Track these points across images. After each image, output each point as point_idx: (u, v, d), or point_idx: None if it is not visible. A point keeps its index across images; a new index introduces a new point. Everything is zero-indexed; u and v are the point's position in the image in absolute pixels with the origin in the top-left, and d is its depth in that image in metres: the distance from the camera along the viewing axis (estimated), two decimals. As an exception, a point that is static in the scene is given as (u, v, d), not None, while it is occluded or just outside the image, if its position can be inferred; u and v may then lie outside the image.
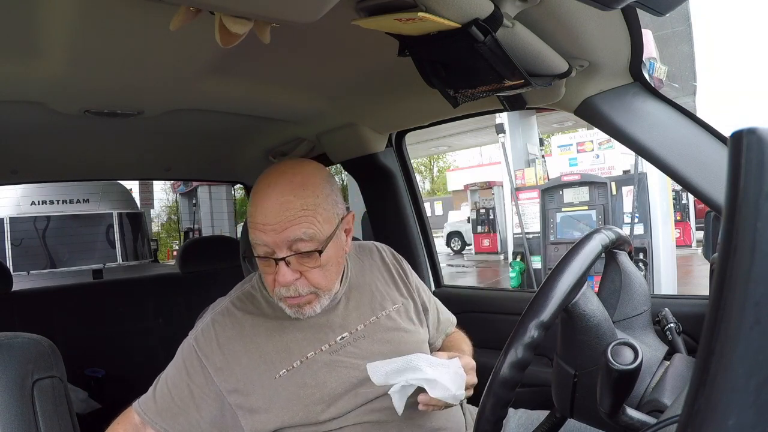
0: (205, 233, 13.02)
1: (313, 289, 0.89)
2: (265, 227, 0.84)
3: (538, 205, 6.20)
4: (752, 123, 0.28)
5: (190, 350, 0.92)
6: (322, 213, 0.87)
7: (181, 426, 0.89)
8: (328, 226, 0.88)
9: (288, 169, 0.89)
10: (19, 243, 7.48)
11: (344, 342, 0.94)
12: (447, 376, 0.80)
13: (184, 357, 0.93)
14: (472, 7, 0.69)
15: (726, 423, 0.27)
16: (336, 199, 0.91)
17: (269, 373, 0.90)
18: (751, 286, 0.27)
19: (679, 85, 8.92)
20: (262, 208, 0.84)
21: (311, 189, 0.87)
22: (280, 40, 0.81)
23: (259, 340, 0.92)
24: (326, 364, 0.92)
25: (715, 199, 0.95)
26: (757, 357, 0.27)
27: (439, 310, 1.19)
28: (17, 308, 2.06)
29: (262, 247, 0.86)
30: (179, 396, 0.90)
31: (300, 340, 0.93)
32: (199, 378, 0.90)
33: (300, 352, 0.91)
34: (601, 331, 0.72)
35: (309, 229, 0.85)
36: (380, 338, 0.97)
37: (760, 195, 0.27)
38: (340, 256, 0.94)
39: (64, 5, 0.77)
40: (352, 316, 0.98)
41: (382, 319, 1.00)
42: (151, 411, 0.90)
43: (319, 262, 0.87)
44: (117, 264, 7.96)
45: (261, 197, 0.85)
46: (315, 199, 0.86)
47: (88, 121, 1.32)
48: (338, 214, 0.91)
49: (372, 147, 1.63)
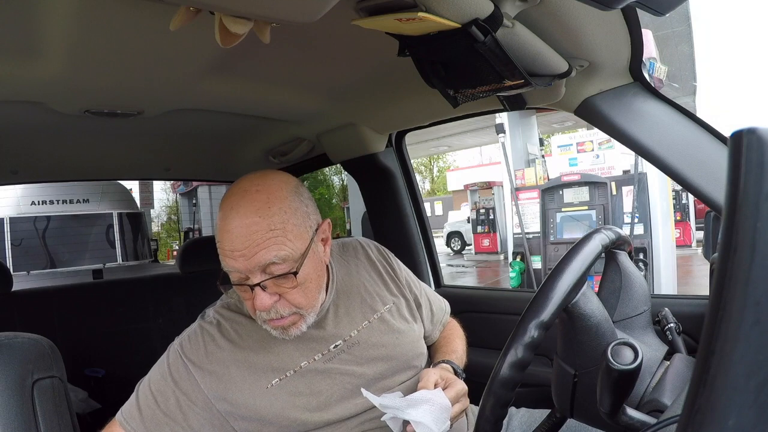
0: (205, 233, 13.03)
1: (295, 310, 0.85)
2: (234, 254, 0.79)
3: (538, 205, 6.20)
4: (752, 123, 0.28)
5: (176, 356, 0.88)
6: (292, 230, 0.82)
7: None
8: (301, 243, 0.83)
9: (250, 187, 0.82)
10: (19, 243, 7.48)
11: (338, 350, 0.92)
12: (430, 416, 0.80)
13: (169, 363, 0.88)
14: (472, 7, 0.69)
15: (726, 423, 0.27)
16: (307, 211, 0.86)
17: (260, 383, 0.87)
18: (751, 286, 0.27)
19: (679, 85, 8.92)
20: (228, 234, 0.79)
21: (277, 206, 0.81)
22: (280, 40, 0.81)
23: (248, 352, 0.89)
24: (320, 372, 0.89)
25: (715, 199, 0.95)
26: (757, 357, 0.27)
27: (431, 300, 1.16)
28: (17, 308, 2.06)
29: (235, 273, 0.82)
30: (165, 404, 0.85)
31: (291, 351, 0.90)
32: (186, 385, 0.85)
33: (293, 363, 0.89)
34: (601, 331, 0.72)
35: (280, 251, 0.79)
36: (375, 342, 0.95)
37: (760, 195, 0.27)
38: (320, 269, 0.89)
39: (64, 5, 0.77)
40: (344, 323, 0.95)
41: (375, 322, 0.98)
42: (135, 421, 0.84)
43: (296, 282, 0.82)
44: (117, 264, 7.97)
45: (225, 222, 0.80)
46: (282, 216, 0.81)
47: (88, 121, 1.32)
48: (311, 226, 0.86)
49: (372, 147, 1.63)
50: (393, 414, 0.81)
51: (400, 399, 0.83)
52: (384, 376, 0.95)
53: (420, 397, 0.83)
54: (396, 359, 0.97)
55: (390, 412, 0.82)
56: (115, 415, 0.88)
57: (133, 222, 8.56)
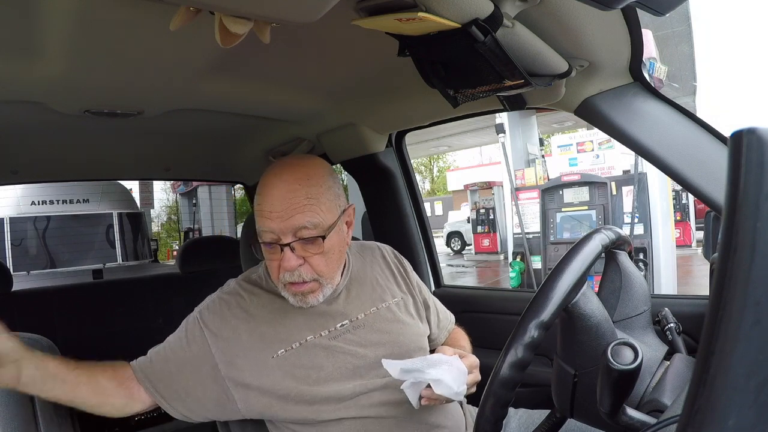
0: (205, 233, 13.02)
1: (316, 276, 0.92)
2: (272, 214, 0.88)
3: (538, 205, 6.20)
4: (752, 123, 0.28)
5: (193, 322, 0.96)
6: (326, 203, 0.91)
7: (173, 392, 0.91)
8: (331, 216, 0.92)
9: (294, 162, 0.94)
10: (19, 243, 7.48)
11: (344, 329, 0.98)
12: (449, 375, 0.84)
13: (187, 328, 0.96)
14: (472, 7, 0.69)
15: (726, 423, 0.27)
16: (338, 192, 0.96)
17: (266, 352, 0.93)
18: (751, 286, 0.27)
19: (679, 85, 8.92)
20: (270, 197, 0.89)
21: (315, 180, 0.91)
22: (280, 40, 0.81)
23: (261, 322, 0.96)
24: (324, 348, 0.95)
25: (715, 199, 0.95)
26: (757, 357, 0.27)
27: (438, 309, 1.21)
28: (17, 308, 2.06)
29: (268, 234, 0.90)
30: (175, 362, 0.92)
31: (300, 325, 0.96)
32: (197, 347, 0.93)
33: (299, 335, 0.95)
34: (601, 331, 0.72)
35: (313, 218, 0.89)
36: (379, 328, 1.01)
37: (760, 195, 0.27)
38: (342, 246, 0.98)
39: (64, 5, 0.77)
40: (353, 305, 1.02)
41: (382, 310, 1.04)
42: (146, 370, 0.92)
43: (322, 248, 0.91)
44: (117, 264, 7.96)
45: (269, 187, 0.90)
46: (318, 189, 0.91)
47: (88, 121, 1.32)
48: (340, 206, 0.96)
49: (372, 147, 1.62)
50: (413, 378, 0.84)
51: (419, 360, 0.87)
52: None
53: (438, 359, 0.87)
54: (398, 347, 1.00)
55: (410, 377, 0.85)
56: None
57: (133, 222, 8.55)
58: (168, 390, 0.91)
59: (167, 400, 0.91)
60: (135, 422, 2.00)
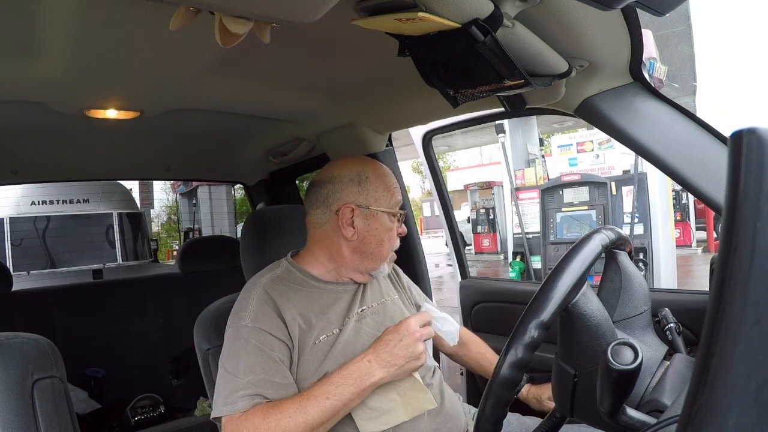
0: (205, 233, 13.02)
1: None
2: (397, 189, 1.09)
3: (538, 205, 6.20)
4: (752, 123, 0.28)
5: (263, 293, 1.00)
6: None
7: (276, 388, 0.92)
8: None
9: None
10: (19, 243, 7.49)
11: (364, 313, 1.07)
12: (450, 318, 1.08)
13: (257, 306, 0.99)
14: (472, 7, 0.69)
15: (726, 423, 0.27)
16: None
17: (310, 336, 0.98)
18: (751, 286, 0.27)
19: (679, 85, 8.91)
20: (388, 176, 1.09)
21: None
22: (280, 40, 0.81)
23: (311, 313, 1.01)
24: (354, 330, 1.02)
25: (715, 199, 0.95)
26: (757, 357, 0.27)
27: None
28: (17, 308, 2.06)
29: (396, 208, 1.08)
30: (270, 351, 0.94)
31: (338, 312, 1.04)
32: (272, 325, 0.96)
33: (338, 321, 1.02)
34: (601, 331, 0.72)
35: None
36: (390, 316, 1.09)
37: (760, 195, 0.27)
38: None
39: (64, 5, 0.77)
40: (368, 295, 1.12)
41: (388, 302, 1.14)
42: (253, 389, 0.89)
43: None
44: (117, 264, 7.97)
45: (380, 170, 1.08)
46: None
47: (88, 121, 1.32)
48: None
49: (372, 147, 1.62)
50: (437, 318, 1.05)
51: (432, 311, 1.08)
52: None
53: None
54: None
55: (446, 325, 1.06)
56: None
57: (133, 222, 8.56)
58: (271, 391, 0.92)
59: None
60: (135, 422, 2.01)
